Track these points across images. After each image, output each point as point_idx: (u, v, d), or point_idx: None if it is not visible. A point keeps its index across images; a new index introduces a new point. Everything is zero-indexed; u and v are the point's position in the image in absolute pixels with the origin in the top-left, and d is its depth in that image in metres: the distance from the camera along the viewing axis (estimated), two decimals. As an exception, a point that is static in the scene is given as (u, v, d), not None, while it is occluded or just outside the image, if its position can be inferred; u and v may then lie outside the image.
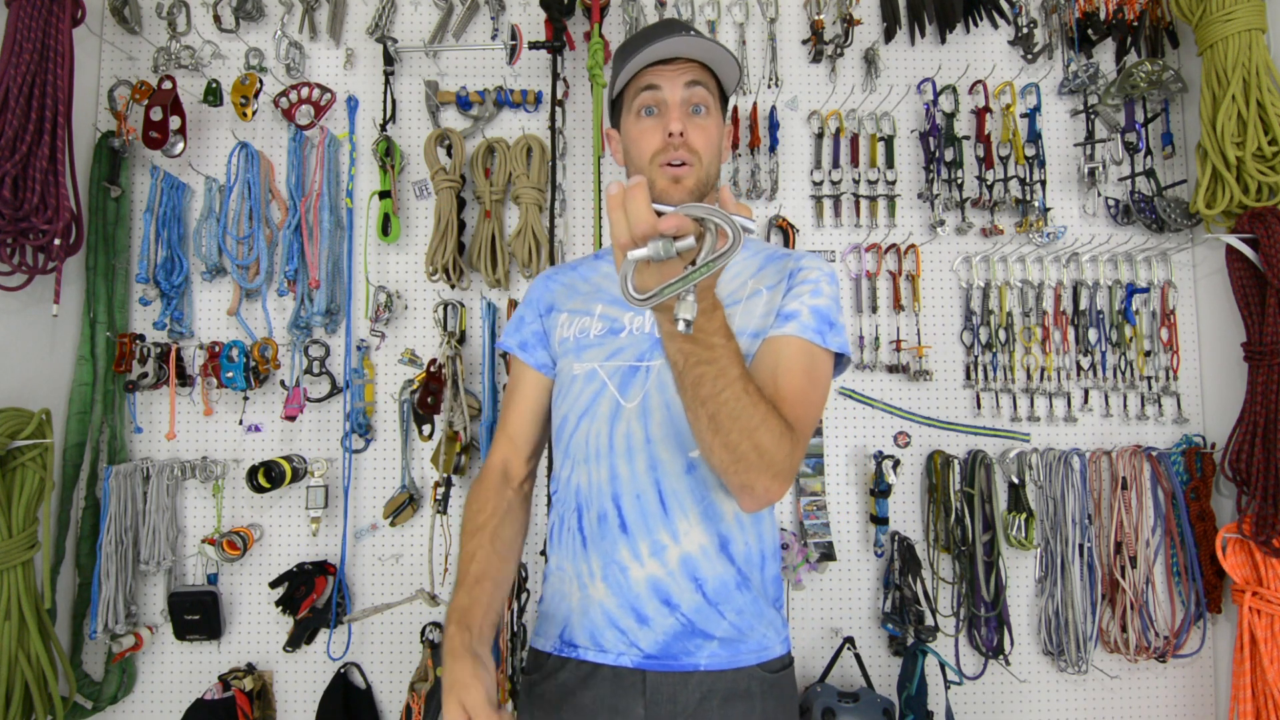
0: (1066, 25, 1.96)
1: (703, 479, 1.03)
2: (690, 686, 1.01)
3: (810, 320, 1.02)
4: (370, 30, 1.92)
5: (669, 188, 1.08)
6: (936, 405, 1.92)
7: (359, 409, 1.84)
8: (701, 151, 1.09)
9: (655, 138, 1.08)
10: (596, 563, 1.05)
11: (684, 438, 1.03)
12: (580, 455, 1.08)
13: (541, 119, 1.94)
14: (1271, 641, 1.62)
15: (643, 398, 1.05)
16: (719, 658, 1.03)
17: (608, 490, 1.05)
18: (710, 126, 1.10)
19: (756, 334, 1.04)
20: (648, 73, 1.10)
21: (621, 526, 1.03)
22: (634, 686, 1.02)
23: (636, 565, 1.02)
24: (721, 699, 1.02)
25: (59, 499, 1.73)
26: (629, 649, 1.03)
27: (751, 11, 1.97)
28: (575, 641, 1.06)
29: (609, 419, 1.06)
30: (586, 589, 1.05)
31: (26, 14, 1.56)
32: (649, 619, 1.02)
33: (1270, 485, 1.62)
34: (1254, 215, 1.69)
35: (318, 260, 1.82)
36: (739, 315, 1.06)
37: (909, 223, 1.95)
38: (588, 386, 1.09)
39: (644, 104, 1.10)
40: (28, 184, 1.56)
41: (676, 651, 1.02)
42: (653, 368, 1.06)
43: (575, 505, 1.08)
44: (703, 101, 1.10)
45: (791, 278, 1.08)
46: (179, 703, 1.79)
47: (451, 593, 1.07)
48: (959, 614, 1.84)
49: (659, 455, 1.03)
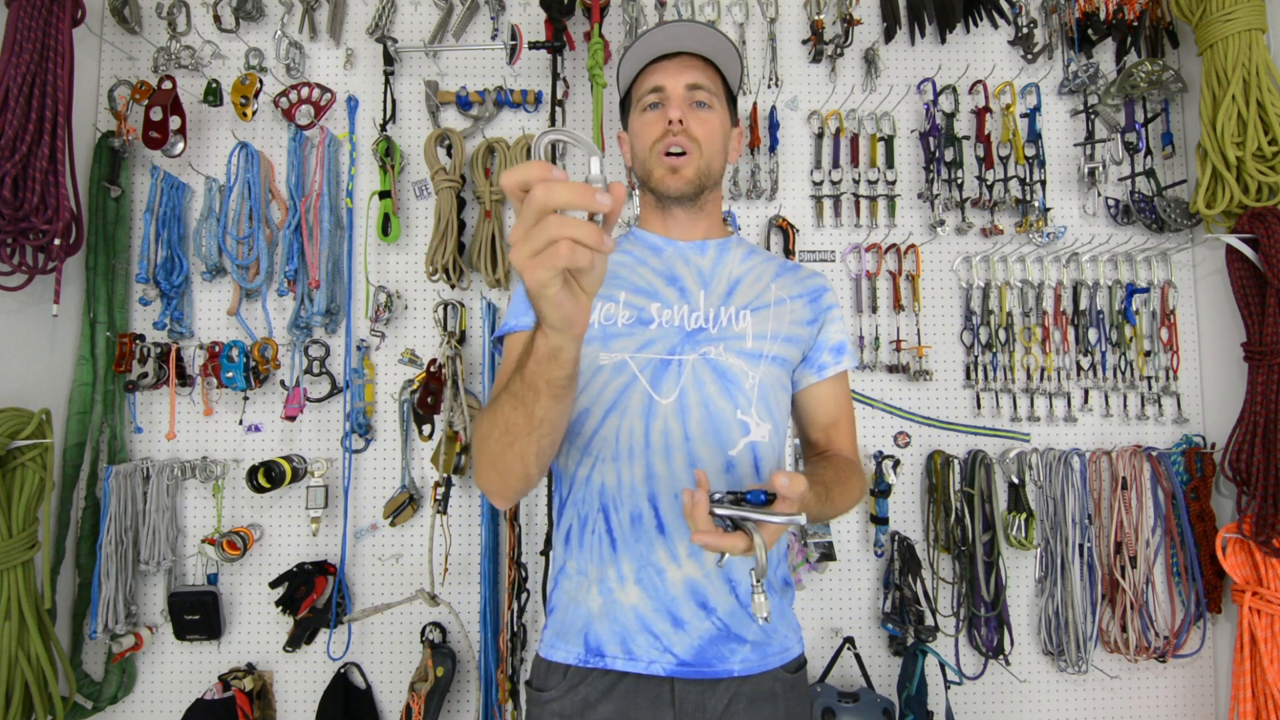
0: (1066, 25, 1.96)
1: (739, 477, 1.03)
2: (719, 692, 1.00)
3: (851, 349, 1.17)
4: (370, 30, 1.92)
5: (667, 177, 1.09)
6: (936, 405, 1.92)
7: (359, 409, 1.84)
8: (702, 141, 1.09)
9: (656, 127, 1.10)
10: (629, 565, 1.01)
11: (722, 435, 1.02)
12: (608, 453, 1.03)
13: (541, 119, 1.94)
14: (1271, 641, 1.62)
15: (679, 394, 1.03)
16: (750, 662, 1.02)
17: (643, 490, 1.01)
18: (712, 119, 1.11)
19: (788, 339, 1.10)
20: (652, 72, 1.12)
21: (659, 527, 1.00)
22: (662, 696, 0.99)
23: (674, 567, 1.00)
24: (748, 702, 1.01)
25: (59, 499, 1.73)
26: (662, 655, 0.99)
27: (751, 11, 1.97)
28: (603, 649, 1.01)
29: (643, 415, 1.02)
30: (613, 594, 1.01)
31: (26, 14, 1.56)
32: (685, 623, 1.00)
33: (1270, 485, 1.62)
34: (1254, 215, 1.69)
35: (318, 260, 1.82)
36: (771, 319, 1.09)
37: (909, 223, 1.95)
38: (615, 378, 1.04)
39: (649, 101, 1.12)
40: (28, 184, 1.56)
41: (711, 657, 1.00)
42: (685, 362, 1.04)
43: (600, 505, 1.03)
44: (706, 100, 1.11)
45: (816, 302, 1.15)
46: (179, 703, 1.79)
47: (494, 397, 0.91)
48: (959, 614, 1.84)
49: (698, 453, 1.01)
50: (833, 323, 1.15)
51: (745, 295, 1.11)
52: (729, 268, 1.14)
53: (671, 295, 1.09)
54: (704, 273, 1.12)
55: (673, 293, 1.09)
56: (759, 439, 1.04)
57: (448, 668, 1.75)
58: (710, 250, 1.15)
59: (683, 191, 1.10)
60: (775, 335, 1.08)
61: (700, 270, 1.12)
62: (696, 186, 1.10)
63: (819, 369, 1.12)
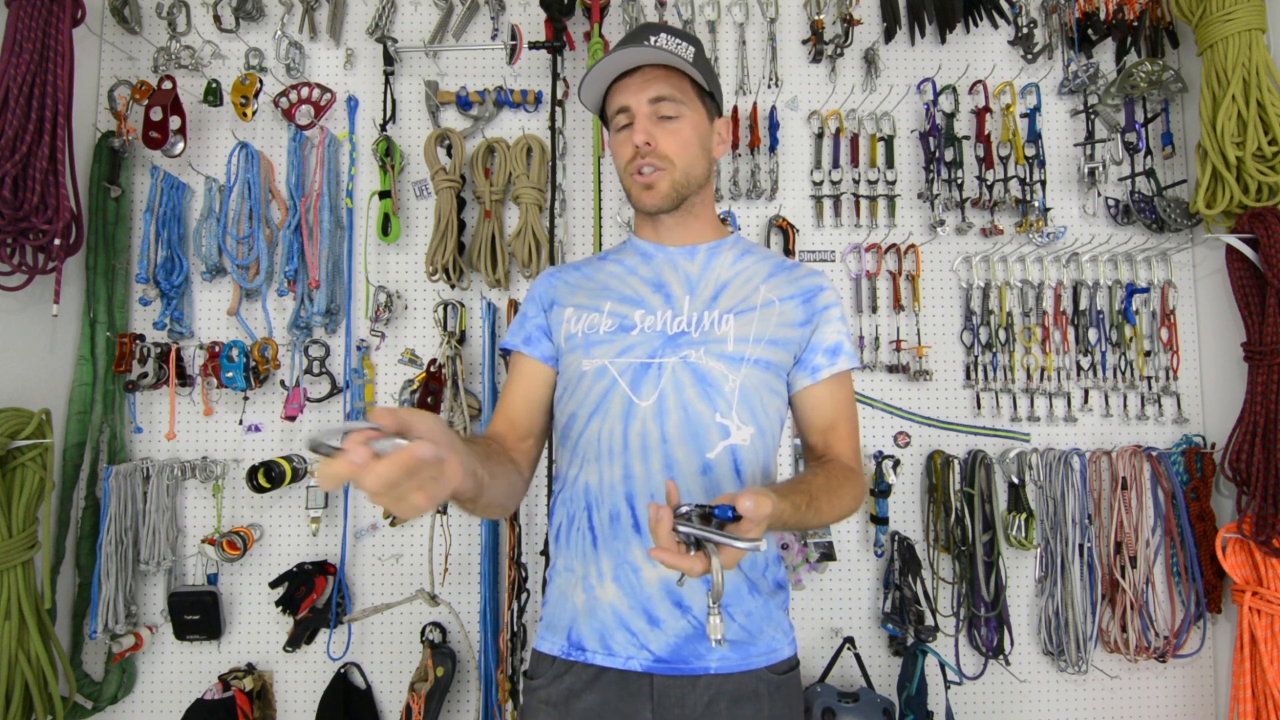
0: (1066, 25, 1.96)
1: (717, 480, 1.03)
2: (699, 689, 1.01)
3: (850, 349, 1.14)
4: (370, 30, 1.92)
5: (642, 195, 1.12)
6: (936, 405, 1.92)
7: (359, 409, 1.84)
8: (674, 156, 1.10)
9: (627, 148, 1.11)
10: (607, 563, 1.04)
11: (700, 438, 1.03)
12: (591, 454, 1.06)
13: (541, 119, 1.94)
14: (1271, 641, 1.62)
15: (658, 396, 1.04)
16: (729, 660, 1.03)
17: (621, 489, 1.04)
18: (682, 129, 1.11)
19: (773, 341, 1.08)
20: (617, 90, 1.13)
21: (635, 526, 1.03)
22: (641, 690, 1.01)
23: (649, 566, 1.02)
24: (730, 701, 1.02)
25: (59, 499, 1.73)
26: (639, 651, 1.02)
27: (751, 11, 1.97)
28: (583, 644, 1.04)
29: (622, 417, 1.05)
30: (594, 590, 1.04)
31: (26, 14, 1.56)
32: (660, 621, 1.02)
33: (1270, 485, 1.62)
34: (1254, 215, 1.69)
35: (318, 260, 1.82)
36: (755, 322, 1.08)
37: (909, 223, 1.95)
38: (598, 383, 1.07)
39: (619, 123, 1.14)
40: (28, 184, 1.56)
41: (687, 654, 1.02)
42: (665, 365, 1.05)
43: (585, 504, 1.07)
44: (671, 112, 1.10)
45: (810, 303, 1.13)
46: (179, 703, 1.79)
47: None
48: (959, 614, 1.84)
49: (675, 455, 1.03)
50: (829, 323, 1.13)
51: (731, 298, 1.11)
52: (718, 271, 1.14)
53: (657, 302, 1.11)
54: (691, 278, 1.13)
55: (658, 299, 1.11)
56: (739, 442, 1.04)
57: (448, 668, 1.76)
58: (700, 254, 1.16)
59: (659, 207, 1.12)
60: (759, 338, 1.07)
61: (688, 275, 1.14)
62: (674, 200, 1.11)
63: (812, 371, 1.11)
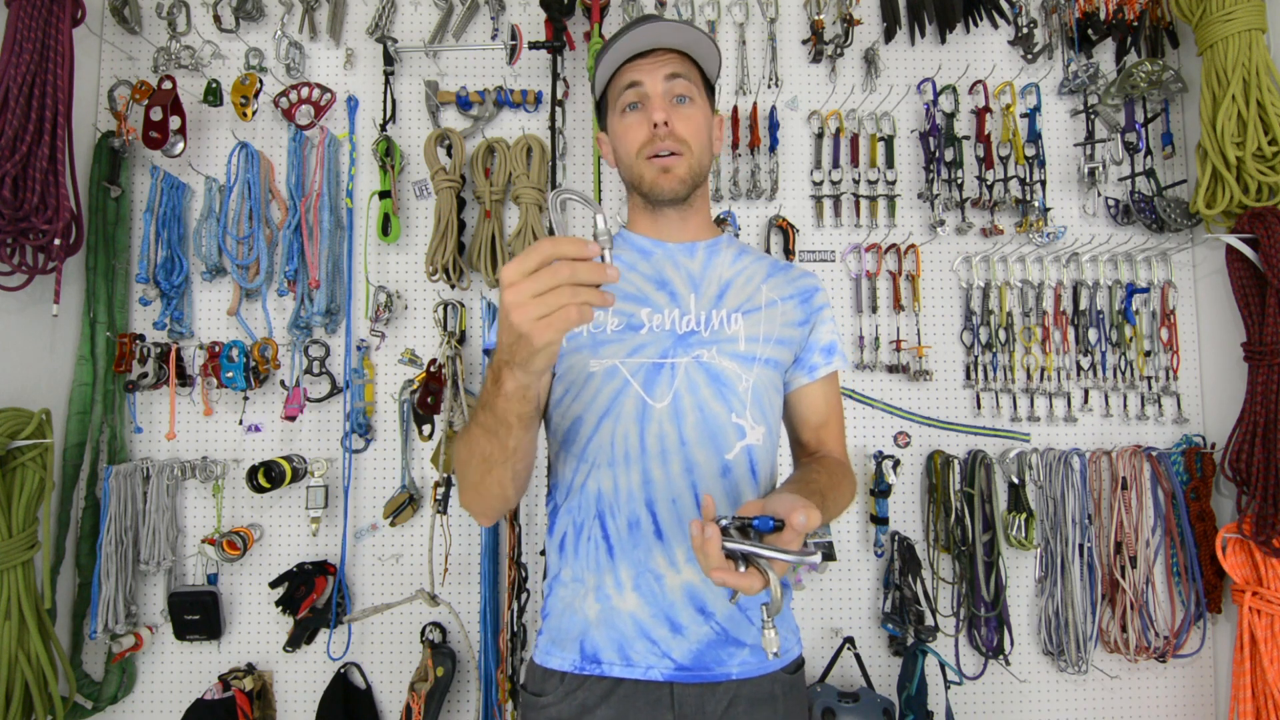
0: (1066, 25, 1.96)
1: (735, 482, 1.02)
2: (718, 694, 1.00)
3: (841, 349, 1.17)
4: (370, 30, 1.92)
5: (659, 179, 1.06)
6: (936, 405, 1.92)
7: (359, 409, 1.84)
8: (690, 140, 1.06)
9: (641, 131, 1.06)
10: (626, 572, 1.00)
11: (718, 439, 1.02)
12: (603, 459, 1.02)
13: (541, 119, 1.94)
14: (1271, 641, 1.62)
15: (673, 398, 1.02)
16: (749, 665, 1.02)
17: (640, 495, 1.00)
18: (696, 115, 1.08)
19: (779, 341, 1.09)
20: (627, 69, 1.08)
21: (656, 533, 1.00)
22: (661, 700, 0.99)
23: (672, 572, 0.99)
24: (748, 704, 1.01)
25: (59, 499, 1.73)
26: (660, 660, 0.99)
27: (751, 11, 1.97)
28: (599, 656, 1.00)
29: (637, 419, 1.01)
30: (611, 600, 1.01)
31: (26, 14, 1.56)
32: (684, 627, 1.00)
33: (1270, 485, 1.62)
34: (1254, 215, 1.69)
35: (318, 260, 1.82)
36: (763, 322, 1.09)
37: (909, 223, 1.95)
38: (607, 384, 1.03)
39: (627, 101, 1.08)
40: (28, 184, 1.56)
41: (709, 661, 1.00)
42: (678, 365, 1.03)
43: (596, 512, 1.02)
44: (686, 92, 1.08)
45: (807, 303, 1.14)
46: (179, 703, 1.79)
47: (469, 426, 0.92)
48: (959, 614, 1.84)
49: (695, 457, 1.01)
50: (824, 323, 1.14)
51: (737, 298, 1.10)
52: (719, 270, 1.12)
53: (662, 299, 1.08)
54: (694, 276, 1.11)
55: (663, 297, 1.08)
56: (754, 442, 1.04)
57: (448, 668, 1.76)
58: (700, 252, 1.13)
59: (676, 192, 1.08)
60: (768, 338, 1.08)
61: (690, 273, 1.11)
62: (690, 186, 1.08)
63: (810, 370, 1.12)
